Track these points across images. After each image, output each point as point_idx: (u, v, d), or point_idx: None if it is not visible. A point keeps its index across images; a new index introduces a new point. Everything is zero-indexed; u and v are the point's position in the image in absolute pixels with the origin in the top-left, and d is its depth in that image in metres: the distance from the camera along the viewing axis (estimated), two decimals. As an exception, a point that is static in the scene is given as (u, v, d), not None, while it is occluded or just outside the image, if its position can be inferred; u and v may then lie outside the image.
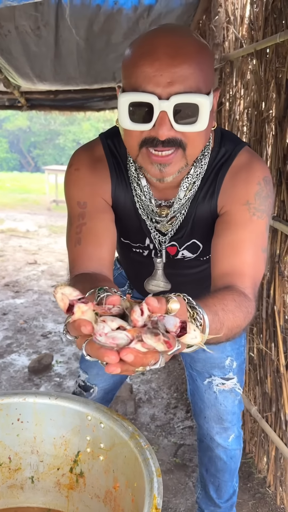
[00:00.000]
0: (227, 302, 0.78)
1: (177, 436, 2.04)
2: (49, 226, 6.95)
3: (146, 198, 1.00)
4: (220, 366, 1.23)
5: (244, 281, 0.87)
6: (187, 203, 1.00)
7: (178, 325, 0.56)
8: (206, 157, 0.97)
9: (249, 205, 0.92)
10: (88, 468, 1.19)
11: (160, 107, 0.79)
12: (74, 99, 3.68)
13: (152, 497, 0.90)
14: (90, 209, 0.98)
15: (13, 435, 1.20)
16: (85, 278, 0.85)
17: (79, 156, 1.03)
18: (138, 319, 0.55)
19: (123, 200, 1.03)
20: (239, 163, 0.97)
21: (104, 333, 0.54)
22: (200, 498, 1.45)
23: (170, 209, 1.00)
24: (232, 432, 1.28)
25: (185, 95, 0.79)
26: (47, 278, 4.38)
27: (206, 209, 0.99)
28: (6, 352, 2.78)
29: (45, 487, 1.25)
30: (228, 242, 0.91)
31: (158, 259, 1.08)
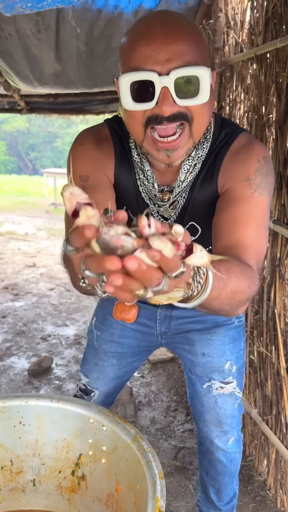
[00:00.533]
0: (231, 266, 0.75)
1: (177, 439, 2.04)
2: (48, 229, 6.95)
3: (149, 183, 1.00)
4: (219, 370, 1.23)
5: (248, 253, 0.84)
6: (188, 186, 1.00)
7: (184, 245, 0.52)
8: (208, 140, 0.97)
9: (250, 181, 0.92)
10: (90, 471, 1.19)
11: (161, 83, 0.80)
12: (74, 103, 3.69)
13: (155, 500, 0.90)
14: (92, 182, 0.97)
15: (14, 438, 1.20)
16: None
17: (85, 133, 1.04)
18: (146, 226, 0.50)
19: (124, 182, 1.03)
20: (238, 144, 0.98)
21: (110, 234, 0.49)
22: (200, 501, 1.45)
23: (172, 194, 1.01)
24: (231, 435, 1.28)
25: (185, 68, 0.80)
26: (46, 281, 4.37)
27: (206, 191, 1.00)
28: (5, 355, 2.77)
29: (46, 490, 1.25)
30: (230, 217, 0.90)
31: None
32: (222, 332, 1.23)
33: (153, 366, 2.68)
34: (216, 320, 1.23)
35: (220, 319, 1.23)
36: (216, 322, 1.23)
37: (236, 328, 1.25)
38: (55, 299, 3.85)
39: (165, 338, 1.30)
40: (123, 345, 1.28)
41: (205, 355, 1.23)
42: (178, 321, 1.26)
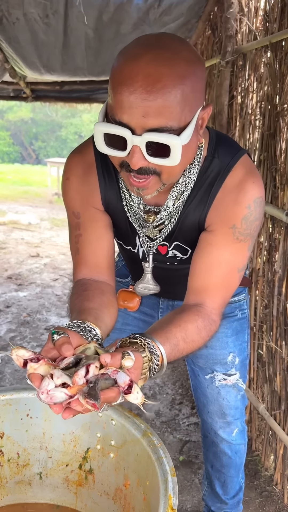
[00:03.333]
0: (190, 332, 0.89)
1: (183, 433, 2.02)
2: (51, 219, 6.92)
3: (134, 203, 1.00)
4: (222, 362, 1.23)
5: (214, 301, 0.96)
6: (177, 211, 0.99)
7: (127, 383, 0.67)
8: (195, 167, 0.95)
9: (235, 229, 0.95)
10: (98, 465, 1.17)
11: (133, 141, 0.79)
12: (80, 91, 3.64)
13: (168, 497, 0.88)
14: (83, 220, 1.03)
15: (22, 431, 1.18)
16: (81, 292, 0.97)
17: (70, 163, 1.04)
18: (79, 381, 0.66)
19: (114, 204, 1.04)
20: (232, 181, 0.95)
21: (47, 391, 0.65)
22: (206, 495, 1.44)
23: (157, 216, 1.00)
24: (235, 426, 1.28)
25: (157, 134, 0.78)
26: (50, 271, 4.36)
27: (195, 219, 1.00)
28: (10, 345, 2.76)
29: (53, 483, 1.24)
30: (206, 261, 0.97)
31: (146, 264, 1.09)
32: (225, 324, 1.23)
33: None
34: None
35: (223, 312, 1.23)
36: None
37: (239, 320, 1.25)
38: (59, 290, 3.83)
39: None
40: (125, 332, 1.27)
41: (208, 347, 1.23)
42: None
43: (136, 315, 1.28)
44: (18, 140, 19.79)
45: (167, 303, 1.26)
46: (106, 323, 0.91)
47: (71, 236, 1.06)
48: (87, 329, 0.82)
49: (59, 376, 0.66)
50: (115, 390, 0.67)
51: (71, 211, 1.05)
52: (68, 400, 0.66)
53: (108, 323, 0.92)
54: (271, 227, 1.69)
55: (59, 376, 0.66)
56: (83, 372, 0.66)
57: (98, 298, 0.96)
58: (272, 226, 1.68)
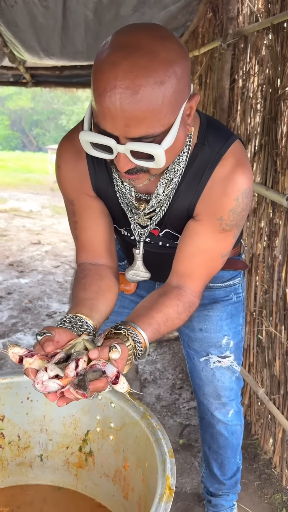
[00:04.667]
0: (170, 316, 0.96)
1: (183, 417, 2.04)
2: (53, 206, 6.91)
3: (126, 190, 1.01)
4: (217, 345, 1.24)
5: (195, 285, 1.02)
6: (167, 198, 1.00)
7: (115, 374, 0.75)
8: (184, 154, 0.95)
9: (222, 221, 0.96)
10: (98, 447, 1.18)
11: (117, 149, 0.80)
12: (80, 76, 3.60)
13: (166, 478, 0.89)
14: (77, 207, 1.05)
15: (22, 414, 1.19)
16: (80, 280, 1.02)
17: (60, 150, 1.05)
18: (70, 373, 0.75)
19: (105, 190, 1.04)
20: (222, 171, 0.95)
21: (42, 381, 0.74)
22: (204, 477, 1.46)
23: (148, 204, 1.00)
24: (231, 407, 1.29)
25: (139, 144, 0.78)
26: (51, 258, 4.36)
27: (184, 205, 1.00)
28: (11, 331, 2.78)
29: (54, 465, 1.25)
30: (191, 249, 1.00)
31: (137, 250, 1.10)
32: (220, 308, 1.24)
33: (158, 345, 2.67)
34: (214, 296, 1.24)
35: (218, 295, 1.25)
36: (213, 298, 1.24)
37: (234, 304, 1.26)
38: (60, 277, 3.84)
39: None
40: (122, 314, 1.28)
41: (203, 330, 1.25)
42: None
43: (133, 298, 1.30)
44: (19, 127, 19.65)
45: None
46: (101, 312, 0.95)
47: (70, 222, 1.10)
48: (78, 324, 0.88)
49: (52, 369, 0.75)
50: (103, 380, 0.74)
51: (66, 198, 1.07)
52: (61, 390, 0.75)
53: (103, 312, 0.97)
54: (271, 212, 1.68)
55: (52, 369, 0.75)
56: (74, 365, 0.75)
57: (95, 285, 1.00)
58: (273, 211, 1.67)
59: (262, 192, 1.66)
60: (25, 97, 17.98)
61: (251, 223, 1.83)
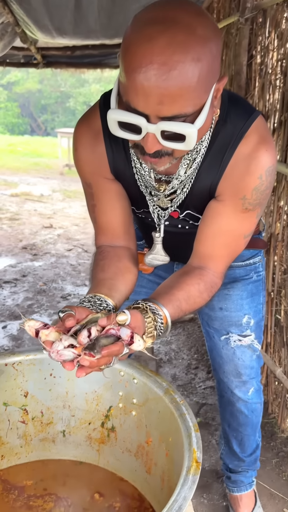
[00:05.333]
0: (191, 294, 0.94)
1: (199, 396, 2.06)
2: (63, 190, 6.89)
3: (145, 171, 0.99)
4: (237, 324, 1.24)
5: (217, 266, 0.99)
6: (189, 179, 0.97)
7: (129, 335, 0.75)
8: (207, 133, 0.93)
9: (244, 200, 0.94)
10: (120, 423, 1.19)
11: (148, 129, 0.77)
12: (91, 56, 3.55)
13: (192, 451, 0.90)
14: (96, 190, 1.04)
15: (45, 390, 1.21)
16: (98, 262, 1.02)
17: (78, 133, 1.03)
18: (83, 340, 0.75)
19: (123, 173, 1.02)
20: (245, 149, 0.92)
21: (57, 350, 0.75)
22: (224, 454, 1.47)
23: (168, 185, 0.98)
24: (251, 385, 1.30)
25: (172, 123, 0.76)
26: (64, 242, 4.37)
27: (206, 185, 0.98)
28: (27, 312, 2.80)
29: (76, 440, 1.27)
30: (213, 229, 0.98)
31: (157, 234, 1.08)
32: (240, 286, 1.23)
33: (172, 326, 2.67)
34: (234, 275, 1.23)
35: (238, 274, 1.23)
36: (234, 277, 1.23)
37: (254, 282, 1.25)
38: (73, 260, 3.85)
39: None
40: (140, 293, 1.28)
41: (223, 309, 1.25)
42: None
43: (151, 278, 1.29)
44: (27, 112, 19.54)
45: (181, 266, 1.26)
46: (121, 291, 0.95)
47: (88, 206, 1.08)
48: (97, 303, 0.88)
49: (66, 339, 0.76)
50: (118, 344, 0.74)
51: (84, 181, 1.06)
52: (77, 359, 0.76)
53: (123, 291, 0.96)
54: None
55: (66, 339, 0.76)
56: (86, 333, 0.76)
57: (114, 266, 1.00)
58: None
59: (282, 170, 1.64)
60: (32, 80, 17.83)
61: (269, 202, 1.80)
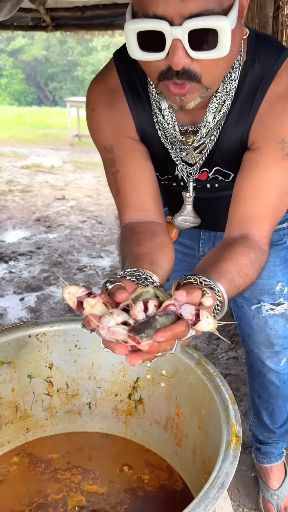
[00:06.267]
0: (242, 265, 0.80)
1: (222, 366, 2.02)
2: (74, 161, 6.78)
3: (168, 125, 0.88)
4: (270, 292, 1.17)
5: (262, 229, 0.87)
6: (218, 127, 0.88)
7: (194, 312, 0.59)
8: (236, 71, 0.83)
9: (284, 144, 0.83)
10: (148, 394, 1.16)
11: (172, 35, 0.67)
12: (102, 16, 3.39)
13: (231, 425, 0.85)
14: (118, 153, 0.93)
15: (70, 362, 1.17)
16: (130, 238, 0.87)
17: (93, 92, 0.93)
18: (138, 315, 0.58)
19: (149, 129, 0.92)
20: (277, 88, 0.83)
21: (107, 327, 0.57)
22: (253, 425, 1.44)
23: (196, 135, 0.88)
24: (284, 356, 1.25)
25: (201, 18, 0.66)
26: (77, 213, 4.31)
27: (236, 136, 0.88)
28: (44, 284, 2.78)
29: (102, 412, 1.24)
30: (252, 185, 0.86)
31: (187, 194, 0.99)
32: (273, 252, 1.14)
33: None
34: None
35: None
36: None
37: (287, 248, 1.17)
38: (88, 232, 3.80)
39: None
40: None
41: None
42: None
43: (176, 247, 1.22)
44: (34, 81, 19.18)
45: (208, 234, 1.19)
46: (163, 267, 0.80)
47: (108, 175, 0.96)
48: (142, 277, 0.72)
49: (119, 313, 0.58)
50: (183, 323, 0.58)
51: (103, 146, 0.94)
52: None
53: (165, 267, 0.81)
54: None
55: (119, 314, 0.58)
56: (142, 306, 0.58)
57: (150, 240, 0.86)
58: None
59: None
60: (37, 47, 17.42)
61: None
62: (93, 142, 0.97)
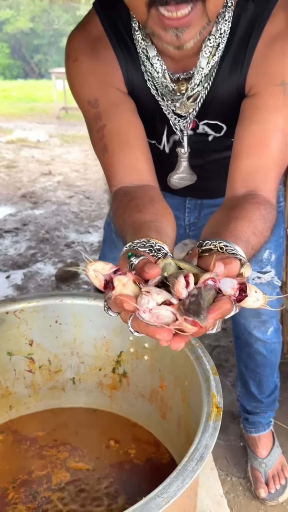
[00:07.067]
0: (256, 223, 0.71)
1: (211, 338, 2.01)
2: (61, 135, 6.63)
3: (158, 73, 0.82)
4: (257, 260, 1.14)
5: (269, 182, 0.79)
6: (212, 73, 0.82)
7: (236, 287, 0.51)
8: (229, 10, 0.77)
9: (285, 86, 0.77)
10: (132, 368, 1.14)
11: None
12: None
13: (211, 396, 0.83)
14: (104, 106, 0.84)
15: (51, 337, 1.15)
16: (127, 203, 0.76)
17: (74, 42, 0.85)
18: (182, 292, 0.49)
19: (138, 79, 0.85)
20: (274, 28, 0.77)
21: (149, 309, 0.49)
22: (241, 396, 1.43)
23: (190, 83, 0.82)
24: (270, 324, 1.23)
25: None
26: (64, 189, 4.23)
27: (232, 83, 0.82)
28: (31, 261, 2.73)
29: (87, 387, 1.22)
30: (254, 133, 0.79)
31: (182, 150, 0.92)
32: None
33: (181, 269, 2.61)
34: None
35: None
36: None
37: None
38: (75, 207, 3.73)
39: (194, 229, 1.20)
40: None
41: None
42: (210, 209, 1.15)
43: None
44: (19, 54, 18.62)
45: (194, 203, 1.14)
46: (169, 235, 0.70)
47: (93, 134, 0.85)
48: (155, 248, 0.61)
49: (158, 292, 0.49)
50: (227, 300, 0.50)
51: (86, 100, 0.85)
52: (175, 322, 0.49)
53: (171, 235, 0.71)
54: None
55: (159, 292, 0.49)
56: (184, 281, 0.49)
57: (151, 206, 0.75)
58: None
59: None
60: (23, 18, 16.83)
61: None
62: (75, 99, 0.89)
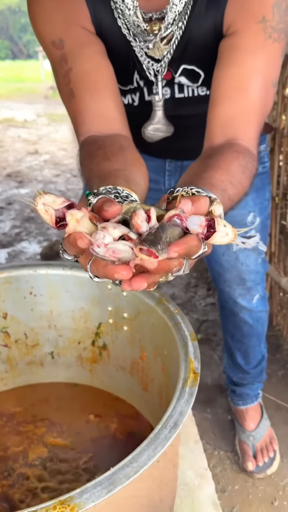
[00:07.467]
0: (234, 172, 0.66)
1: (200, 313, 1.97)
2: (48, 114, 6.50)
3: (129, 10, 0.75)
4: (241, 224, 1.08)
5: (249, 130, 0.73)
6: (186, 10, 0.75)
7: (204, 224, 0.46)
8: None
9: (265, 23, 0.71)
10: (112, 339, 1.09)
11: None
12: None
13: (189, 361, 0.79)
14: (70, 47, 0.76)
15: (26, 310, 1.09)
16: (94, 152, 0.70)
17: None
18: (142, 226, 0.44)
19: (106, 18, 0.78)
20: None
21: (104, 244, 0.43)
22: (227, 367, 1.39)
23: (163, 22, 0.76)
24: (256, 292, 1.18)
25: None
26: (51, 167, 4.14)
27: (209, 22, 0.75)
28: (15, 240, 2.66)
29: (66, 362, 1.18)
30: (233, 76, 0.73)
31: (156, 97, 0.86)
32: None
33: (169, 246, 2.56)
34: None
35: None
36: None
37: (259, 175, 1.07)
38: (62, 186, 3.65)
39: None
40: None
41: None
42: None
43: None
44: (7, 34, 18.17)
45: (174, 165, 1.07)
46: (140, 185, 0.66)
47: (59, 79, 0.79)
48: (122, 195, 0.57)
49: (115, 226, 0.44)
50: (194, 237, 0.45)
51: (50, 41, 0.78)
52: (134, 260, 0.44)
53: (142, 186, 0.67)
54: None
55: (115, 226, 0.44)
56: (144, 215, 0.45)
57: (120, 155, 0.70)
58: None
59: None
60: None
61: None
62: (39, 41, 0.81)
